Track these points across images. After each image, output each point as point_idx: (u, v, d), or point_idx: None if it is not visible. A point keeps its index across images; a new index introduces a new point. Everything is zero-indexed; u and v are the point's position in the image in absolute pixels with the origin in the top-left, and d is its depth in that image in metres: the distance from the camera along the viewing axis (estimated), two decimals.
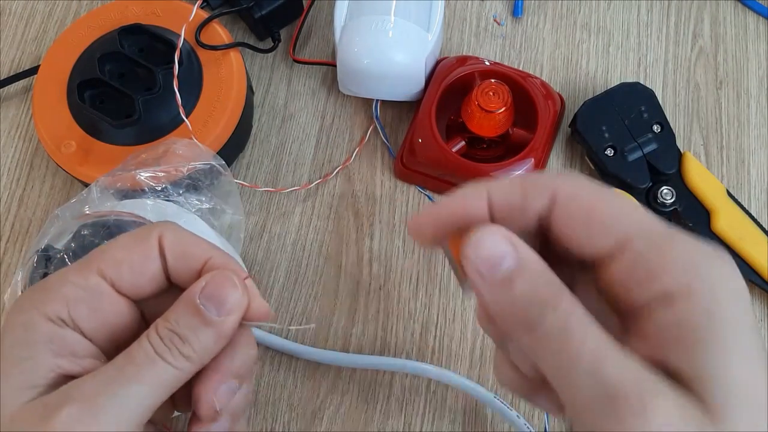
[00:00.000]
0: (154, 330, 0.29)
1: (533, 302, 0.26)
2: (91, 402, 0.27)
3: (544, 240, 0.29)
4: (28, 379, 0.29)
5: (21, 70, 0.57)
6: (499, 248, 0.27)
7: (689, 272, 0.25)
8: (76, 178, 0.51)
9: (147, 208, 0.43)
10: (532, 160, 0.51)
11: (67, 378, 0.29)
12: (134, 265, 0.31)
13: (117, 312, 0.31)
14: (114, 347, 0.31)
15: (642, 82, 0.54)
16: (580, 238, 0.27)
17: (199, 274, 0.31)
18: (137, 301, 0.32)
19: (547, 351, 0.26)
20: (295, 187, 0.54)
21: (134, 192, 0.46)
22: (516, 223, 0.28)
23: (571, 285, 0.27)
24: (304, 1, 0.58)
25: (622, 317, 0.28)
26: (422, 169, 0.53)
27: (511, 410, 0.46)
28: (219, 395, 0.30)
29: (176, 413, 0.34)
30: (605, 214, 0.27)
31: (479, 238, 0.27)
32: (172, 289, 0.32)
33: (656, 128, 0.52)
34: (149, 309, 0.32)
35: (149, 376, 0.28)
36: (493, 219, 0.28)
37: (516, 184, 0.28)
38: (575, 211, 0.27)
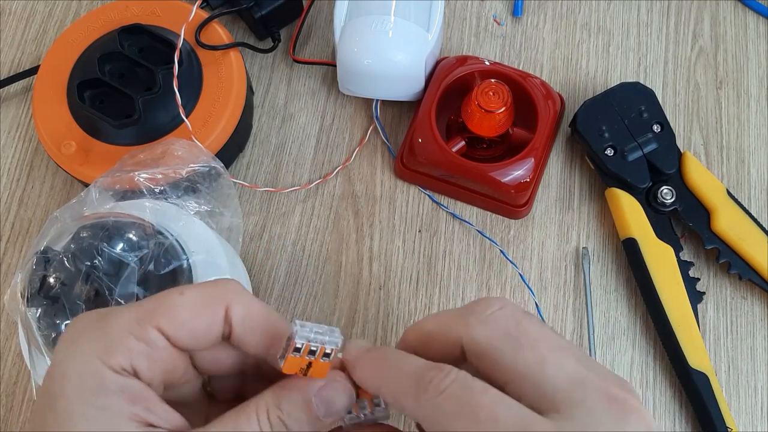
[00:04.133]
0: (264, 413, 0.31)
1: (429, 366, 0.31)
2: None
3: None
4: (113, 428, 0.29)
5: (21, 70, 0.57)
6: None
7: None
8: (76, 179, 0.51)
9: (146, 209, 0.43)
10: (532, 160, 0.51)
11: (147, 427, 0.30)
12: (196, 330, 0.31)
13: (171, 362, 0.31)
14: (163, 389, 0.32)
15: (642, 82, 0.54)
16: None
17: (266, 345, 0.32)
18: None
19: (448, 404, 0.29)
20: (295, 187, 0.54)
21: (133, 193, 0.46)
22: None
23: None
24: (304, 1, 0.58)
25: None
26: (422, 169, 0.53)
27: None
28: None
29: None
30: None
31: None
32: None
33: (656, 128, 0.52)
34: (198, 353, 0.33)
35: None
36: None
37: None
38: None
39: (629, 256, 0.51)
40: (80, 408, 0.29)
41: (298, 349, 0.30)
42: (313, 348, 0.30)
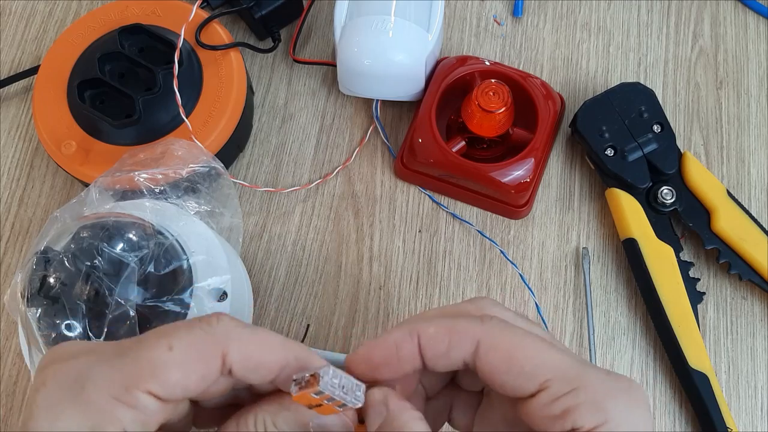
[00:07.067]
0: (262, 426, 0.31)
1: None
2: None
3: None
4: None
5: (21, 70, 0.57)
6: None
7: (596, 413, 0.30)
8: (76, 178, 0.51)
9: (146, 209, 0.43)
10: (533, 160, 0.51)
11: None
12: (189, 386, 0.29)
13: (165, 416, 0.30)
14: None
15: (642, 82, 0.54)
16: (502, 382, 0.31)
17: (271, 380, 0.31)
18: None
19: None
20: (295, 187, 0.54)
21: (133, 193, 0.46)
22: (442, 365, 0.32)
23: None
24: (304, 1, 0.58)
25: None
26: (422, 169, 0.53)
27: None
28: None
29: None
30: (523, 362, 0.31)
31: None
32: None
33: (656, 128, 0.52)
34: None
35: None
36: (423, 360, 0.32)
37: (443, 333, 0.32)
38: (495, 361, 0.31)
39: (629, 256, 0.51)
40: None
41: (319, 392, 0.30)
42: (333, 398, 0.30)
